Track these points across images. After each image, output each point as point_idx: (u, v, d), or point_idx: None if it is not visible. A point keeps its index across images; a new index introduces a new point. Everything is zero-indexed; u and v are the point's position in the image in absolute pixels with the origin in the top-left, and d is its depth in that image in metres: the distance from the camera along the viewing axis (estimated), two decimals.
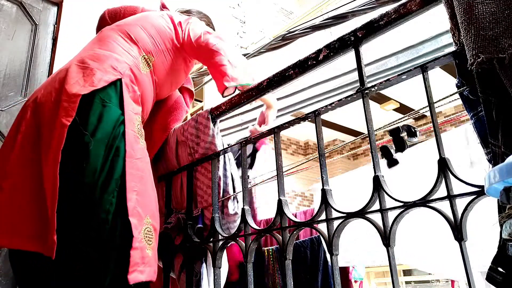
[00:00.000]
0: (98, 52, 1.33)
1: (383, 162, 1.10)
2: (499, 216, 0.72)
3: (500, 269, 0.72)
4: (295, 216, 1.60)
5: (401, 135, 1.21)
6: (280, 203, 1.20)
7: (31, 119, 1.22)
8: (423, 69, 0.98)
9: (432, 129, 0.93)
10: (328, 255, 2.89)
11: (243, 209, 1.30)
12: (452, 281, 2.63)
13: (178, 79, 1.63)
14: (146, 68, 1.43)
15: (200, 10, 1.82)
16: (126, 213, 1.08)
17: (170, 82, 1.58)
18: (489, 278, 0.74)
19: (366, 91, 1.08)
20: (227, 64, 1.47)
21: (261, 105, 2.04)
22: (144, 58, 1.44)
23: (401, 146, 1.22)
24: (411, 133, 1.21)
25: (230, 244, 1.36)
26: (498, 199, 0.75)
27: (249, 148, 1.70)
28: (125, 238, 1.07)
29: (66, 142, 1.11)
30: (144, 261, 1.09)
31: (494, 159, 0.78)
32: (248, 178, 1.82)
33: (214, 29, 1.74)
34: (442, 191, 0.89)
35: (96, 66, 1.26)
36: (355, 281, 3.51)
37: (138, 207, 1.12)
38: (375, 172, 1.00)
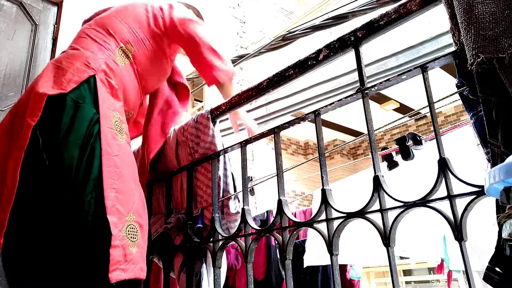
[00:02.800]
0: (72, 51, 1.31)
1: (383, 163, 1.11)
2: (498, 216, 0.72)
3: (498, 269, 0.72)
4: (295, 216, 1.60)
5: (407, 143, 1.21)
6: (280, 203, 1.20)
7: (9, 119, 1.23)
8: (423, 69, 0.98)
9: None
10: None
11: (243, 209, 1.30)
12: (449, 281, 2.63)
13: (163, 67, 1.56)
14: (124, 60, 1.38)
15: (188, 3, 1.75)
16: (104, 211, 1.07)
17: (154, 70, 1.52)
18: (486, 278, 0.74)
19: (366, 91, 1.08)
20: (217, 59, 1.49)
21: (261, 105, 2.05)
22: (122, 49, 1.39)
23: (407, 154, 1.23)
24: (417, 141, 1.22)
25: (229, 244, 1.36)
26: (496, 199, 0.75)
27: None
28: (104, 237, 1.05)
29: (37, 144, 1.10)
30: (126, 259, 1.07)
31: (493, 158, 0.78)
32: (250, 179, 1.82)
33: (203, 20, 1.69)
34: (442, 191, 0.89)
35: (68, 66, 1.24)
36: (353, 280, 3.51)
37: (118, 204, 1.10)
38: (375, 172, 1.00)
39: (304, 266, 2.98)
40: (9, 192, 1.08)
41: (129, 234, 1.11)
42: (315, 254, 2.88)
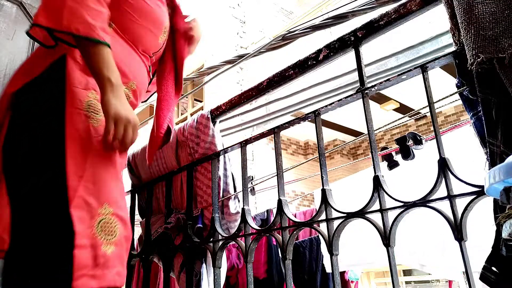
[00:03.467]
0: None
1: (383, 163, 1.11)
2: (498, 216, 0.72)
3: (494, 269, 0.72)
4: (295, 216, 1.60)
5: (407, 143, 1.22)
6: (280, 203, 1.20)
7: None
8: (423, 69, 0.98)
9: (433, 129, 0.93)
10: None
11: (243, 209, 1.30)
12: (450, 281, 2.63)
13: (150, 16, 1.21)
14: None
15: None
16: (67, 205, 0.87)
17: (144, 27, 1.20)
18: (483, 277, 0.74)
19: (366, 91, 1.08)
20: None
21: (261, 105, 2.05)
22: None
23: (407, 154, 1.23)
24: (417, 140, 1.22)
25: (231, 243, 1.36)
26: (495, 199, 0.75)
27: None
28: (66, 236, 0.85)
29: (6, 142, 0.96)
30: (97, 262, 0.87)
31: (492, 158, 0.78)
32: (251, 178, 1.82)
33: None
34: (442, 191, 0.89)
35: (40, 51, 1.06)
36: (351, 281, 3.52)
37: (87, 195, 0.91)
38: (375, 172, 1.00)
39: (327, 271, 2.98)
40: None
41: (103, 230, 0.90)
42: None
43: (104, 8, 1.03)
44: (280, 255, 3.16)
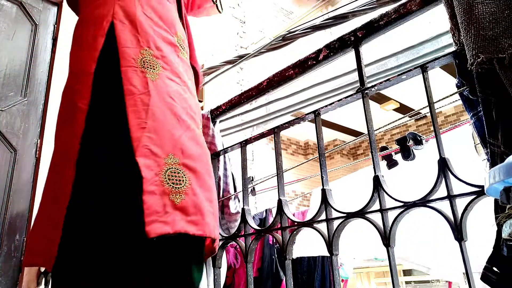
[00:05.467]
0: None
1: (383, 162, 1.11)
2: (498, 216, 0.72)
3: (495, 269, 0.73)
4: (294, 216, 1.60)
5: (407, 143, 1.22)
6: (280, 203, 1.20)
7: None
8: (423, 69, 0.98)
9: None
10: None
11: (243, 209, 1.30)
12: (449, 282, 2.63)
13: None
14: None
15: None
16: (132, 153, 0.91)
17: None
18: (484, 277, 0.74)
19: (366, 91, 1.08)
20: None
21: (261, 105, 2.05)
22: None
23: (407, 154, 1.23)
24: (417, 141, 1.22)
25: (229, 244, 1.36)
26: (495, 199, 0.75)
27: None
28: (134, 183, 0.88)
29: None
30: (166, 210, 0.88)
31: (493, 158, 0.78)
32: (251, 179, 1.82)
33: None
34: (442, 191, 0.89)
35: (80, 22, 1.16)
36: (342, 280, 3.53)
37: (151, 145, 0.94)
38: (375, 172, 1.00)
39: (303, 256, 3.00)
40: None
41: (170, 179, 0.92)
42: (297, 246, 2.90)
43: None
44: (275, 254, 3.16)
